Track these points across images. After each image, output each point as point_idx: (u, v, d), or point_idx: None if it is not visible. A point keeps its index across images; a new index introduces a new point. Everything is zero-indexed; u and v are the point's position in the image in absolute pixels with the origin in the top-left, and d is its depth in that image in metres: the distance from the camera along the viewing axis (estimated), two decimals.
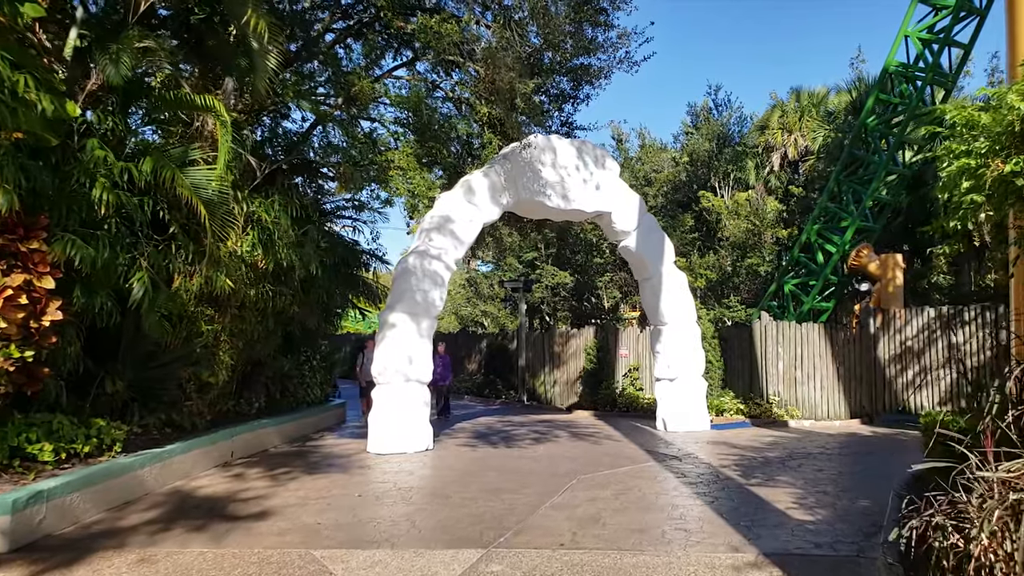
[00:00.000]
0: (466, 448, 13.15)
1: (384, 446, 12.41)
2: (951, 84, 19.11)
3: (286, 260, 11.64)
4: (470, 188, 13.62)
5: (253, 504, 8.55)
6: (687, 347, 15.82)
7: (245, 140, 10.21)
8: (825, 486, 9.51)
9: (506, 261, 36.45)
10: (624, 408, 19.89)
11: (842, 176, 20.94)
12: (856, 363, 17.63)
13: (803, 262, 22.06)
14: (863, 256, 20.05)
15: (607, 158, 15.12)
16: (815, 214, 21.48)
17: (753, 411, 17.44)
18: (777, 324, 18.17)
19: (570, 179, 14.56)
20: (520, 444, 13.61)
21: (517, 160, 14.02)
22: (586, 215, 15.26)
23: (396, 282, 12.99)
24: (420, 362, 12.77)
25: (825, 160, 28.84)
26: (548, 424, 16.98)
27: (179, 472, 9.91)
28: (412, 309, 12.82)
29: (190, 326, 10.86)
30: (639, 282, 16.56)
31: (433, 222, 13.28)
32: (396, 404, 12.56)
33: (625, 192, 15.49)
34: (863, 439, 14.57)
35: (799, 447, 13.19)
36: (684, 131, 36.77)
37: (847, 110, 28.89)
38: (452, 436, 14.79)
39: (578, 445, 13.52)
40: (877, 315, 17.55)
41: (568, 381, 23.26)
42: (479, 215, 13.66)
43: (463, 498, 8.83)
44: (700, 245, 32.89)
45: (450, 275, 13.43)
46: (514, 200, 14.08)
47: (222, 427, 11.75)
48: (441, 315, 52.91)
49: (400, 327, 12.70)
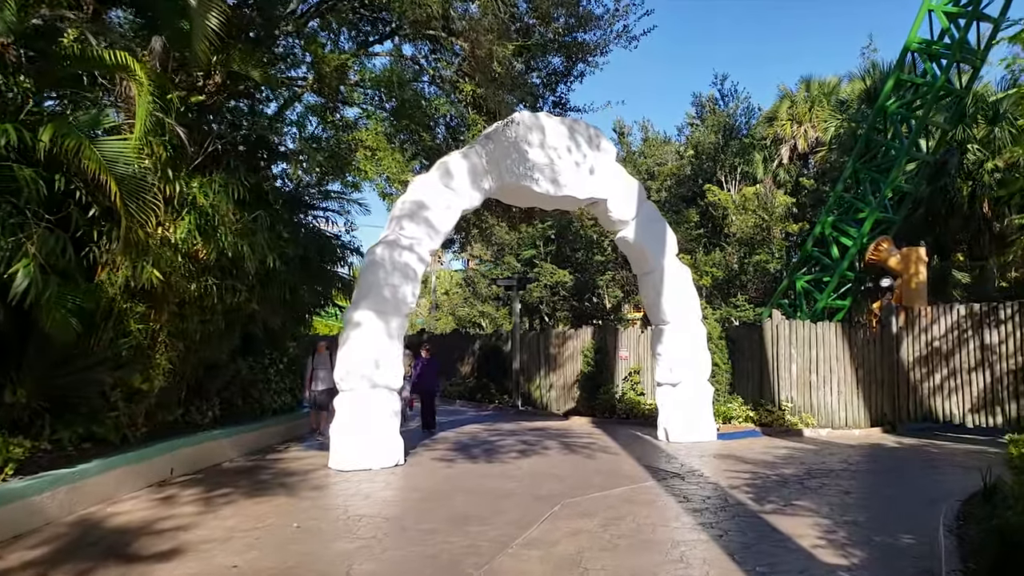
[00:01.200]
0: (442, 463, 11.66)
1: (347, 462, 10.93)
2: (980, 62, 17.54)
3: (232, 250, 10.17)
4: (447, 171, 12.15)
5: (167, 538, 7.08)
6: (691, 348, 14.31)
7: (171, 107, 8.74)
8: (855, 514, 7.99)
9: (504, 259, 35.20)
10: (624, 415, 18.39)
11: (859, 164, 19.38)
12: (877, 365, 16.07)
13: (816, 257, 20.51)
14: (882, 250, 18.51)
15: (602, 139, 13.62)
16: (830, 204, 19.93)
17: (764, 419, 15.91)
18: (790, 323, 16.63)
19: (560, 162, 13.06)
20: (504, 458, 12.12)
21: (500, 140, 12.54)
22: (579, 202, 13.76)
23: (362, 276, 11.52)
24: (388, 366, 11.30)
25: (838, 151, 27.34)
26: (539, 433, 15.49)
27: (95, 496, 8.45)
28: (380, 306, 11.35)
29: (117, 325, 9.41)
30: (638, 277, 15.06)
31: (405, 208, 11.81)
32: (361, 414, 11.08)
33: (623, 177, 13.99)
34: (889, 452, 13.04)
35: (818, 462, 11.67)
36: (688, 122, 35.21)
37: (861, 99, 27.32)
38: (430, 448, 13.31)
39: (568, 459, 12.02)
40: (900, 313, 16.00)
41: (565, 385, 21.77)
42: (457, 201, 12.18)
43: (421, 531, 7.35)
44: (706, 242, 31.40)
45: (424, 268, 11.95)
46: (497, 185, 12.60)
47: (163, 440, 10.31)
48: (438, 316, 51.61)
49: (366, 326, 11.23)
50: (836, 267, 19.47)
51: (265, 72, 10.25)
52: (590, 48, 15.49)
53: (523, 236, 34.42)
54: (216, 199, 9.55)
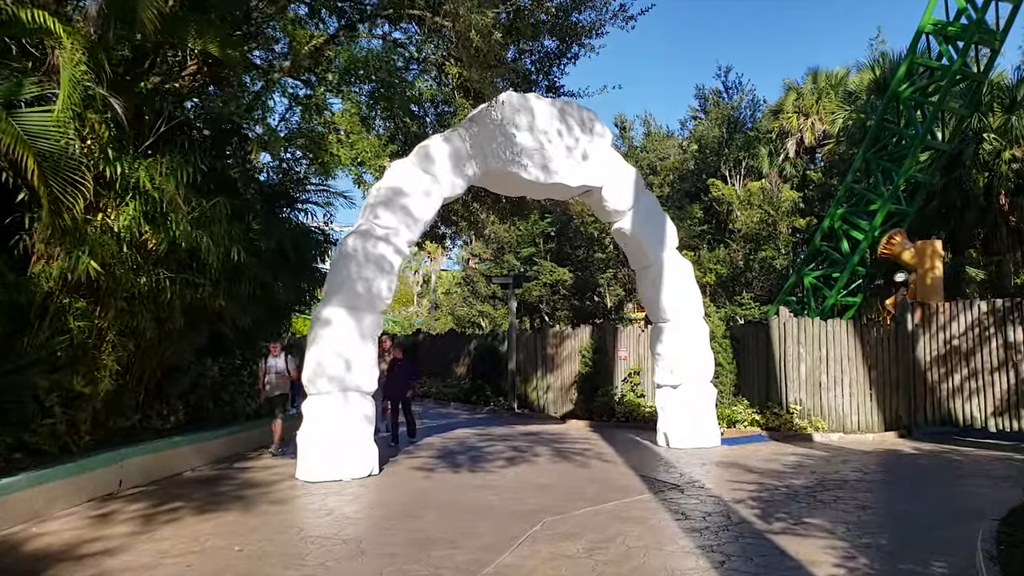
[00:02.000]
0: (420, 472, 10.73)
1: (316, 472, 10.00)
2: (998, 44, 16.55)
3: (186, 240, 9.26)
4: (427, 155, 11.22)
5: (86, 565, 6.17)
6: (693, 348, 13.35)
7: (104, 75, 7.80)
8: (876, 535, 7.02)
9: (504, 258, 34.39)
10: (623, 418, 17.43)
11: (870, 153, 18.38)
12: (891, 365, 15.07)
13: (825, 251, 19.52)
14: (896, 243, 17.53)
15: (596, 122, 12.68)
16: (839, 196, 18.94)
17: (771, 422, 14.92)
18: (799, 321, 15.61)
19: (551, 147, 12.12)
20: (489, 466, 11.18)
21: (485, 123, 11.61)
22: (571, 191, 12.81)
23: (333, 270, 10.59)
24: (361, 367, 10.36)
25: (846, 143, 26.34)
26: (532, 438, 14.54)
27: (21, 513, 7.55)
28: (352, 302, 10.42)
29: (54, 323, 8.51)
30: (636, 272, 14.10)
31: (380, 196, 10.87)
32: (331, 420, 10.15)
33: (619, 164, 13.04)
34: (907, 459, 12.05)
35: (830, 471, 10.70)
36: (692, 116, 34.19)
37: (870, 89, 26.24)
38: (412, 455, 12.37)
39: (558, 468, 11.08)
40: (916, 310, 15.00)
41: (563, 387, 20.81)
42: (438, 188, 11.24)
43: (379, 555, 6.42)
44: (710, 239, 30.42)
45: (401, 261, 11.00)
46: (482, 171, 11.67)
47: (112, 449, 9.40)
48: (437, 316, 50.78)
49: (337, 325, 10.30)
50: (846, 262, 18.47)
51: (225, 49, 9.30)
52: (584, 29, 14.54)
53: (522, 234, 33.64)
54: (163, 183, 8.62)
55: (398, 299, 68.17)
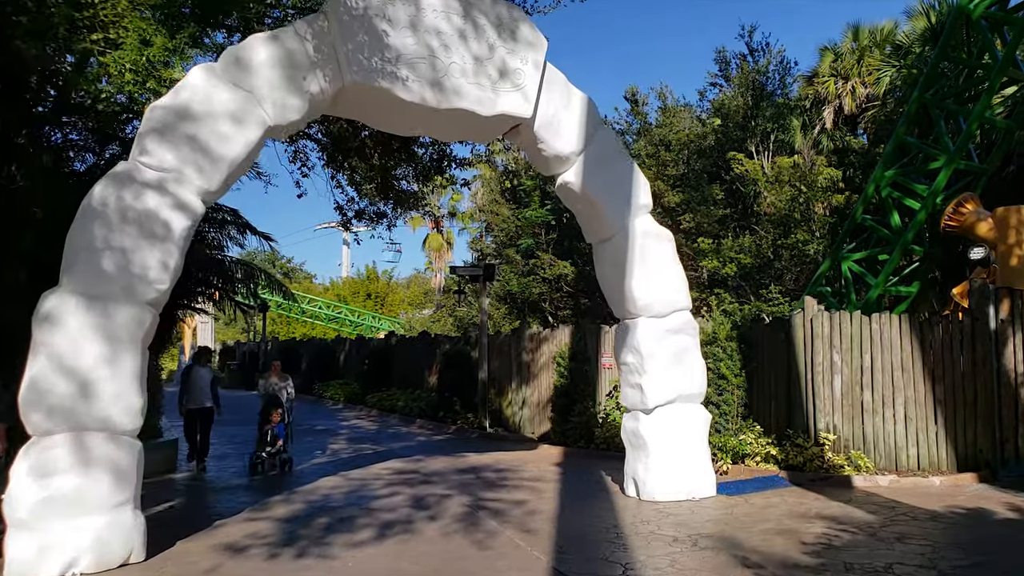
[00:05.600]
0: (211, 558, 6.74)
1: (28, 566, 6.09)
2: None
3: None
4: (237, 61, 7.25)
5: None
6: (675, 352, 9.18)
7: None
8: None
9: (505, 252, 30.89)
10: (603, 444, 13.35)
11: (929, 94, 13.96)
12: (966, 378, 10.70)
13: (870, 226, 15.11)
14: (967, 212, 13.11)
15: (523, 23, 8.60)
16: (886, 153, 14.60)
17: (792, 458, 10.63)
18: (832, 317, 11.23)
19: (447, 55, 8.07)
20: (339, 541, 7.16)
21: (340, 14, 7.62)
22: (486, 124, 8.70)
23: (70, 237, 6.63)
24: (110, 392, 6.44)
25: (895, 104, 21.85)
26: (467, 478, 10.57)
27: None
28: (94, 287, 6.50)
29: None
30: (593, 247, 9.90)
31: (155, 120, 6.90)
32: (60, 475, 6.24)
33: (559, 87, 8.95)
34: (1006, 527, 7.71)
35: (887, 553, 6.45)
36: (711, 83, 29.63)
37: (923, 38, 21.59)
38: (252, 512, 8.43)
39: (438, 549, 7.00)
40: (1002, 300, 10.61)
41: (539, 402, 16.77)
42: (258, 113, 7.27)
43: None
44: (735, 226, 26.06)
45: (191, 222, 7.02)
46: (335, 87, 7.66)
47: None
48: (435, 318, 47.22)
49: (68, 323, 6.39)
50: (899, 239, 14.07)
51: None
52: None
53: (521, 224, 30.09)
54: None
55: (412, 301, 64.33)
